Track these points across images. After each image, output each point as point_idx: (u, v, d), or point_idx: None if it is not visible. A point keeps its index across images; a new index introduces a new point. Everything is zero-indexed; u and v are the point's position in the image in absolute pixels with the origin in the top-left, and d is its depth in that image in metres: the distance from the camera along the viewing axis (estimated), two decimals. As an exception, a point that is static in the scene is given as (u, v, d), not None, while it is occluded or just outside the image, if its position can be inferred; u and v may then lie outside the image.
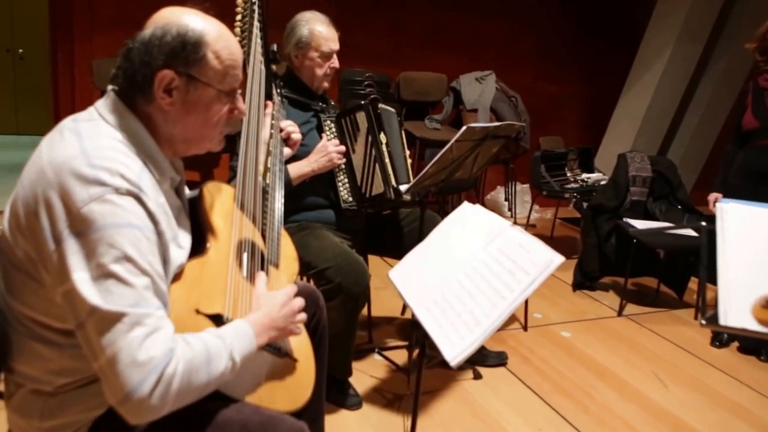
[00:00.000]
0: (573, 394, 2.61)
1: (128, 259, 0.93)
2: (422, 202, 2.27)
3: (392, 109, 2.41)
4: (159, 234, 1.01)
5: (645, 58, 5.40)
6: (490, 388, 2.56)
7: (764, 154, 2.94)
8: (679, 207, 3.74)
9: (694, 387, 2.82)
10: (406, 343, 2.62)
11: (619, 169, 3.73)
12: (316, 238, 2.16)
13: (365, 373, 2.54)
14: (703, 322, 1.25)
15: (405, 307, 3.20)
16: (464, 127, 1.90)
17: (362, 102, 2.24)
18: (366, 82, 4.28)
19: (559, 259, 1.19)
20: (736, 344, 3.27)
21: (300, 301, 1.25)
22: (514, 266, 1.27)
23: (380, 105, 2.29)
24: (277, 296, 1.22)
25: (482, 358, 2.69)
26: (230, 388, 1.11)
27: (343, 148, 2.22)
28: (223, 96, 1.12)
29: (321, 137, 2.25)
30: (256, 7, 1.53)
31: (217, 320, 1.11)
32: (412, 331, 2.53)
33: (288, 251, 1.45)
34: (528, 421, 2.37)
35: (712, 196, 3.18)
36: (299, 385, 1.27)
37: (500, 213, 5.26)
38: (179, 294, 1.07)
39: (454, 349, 1.22)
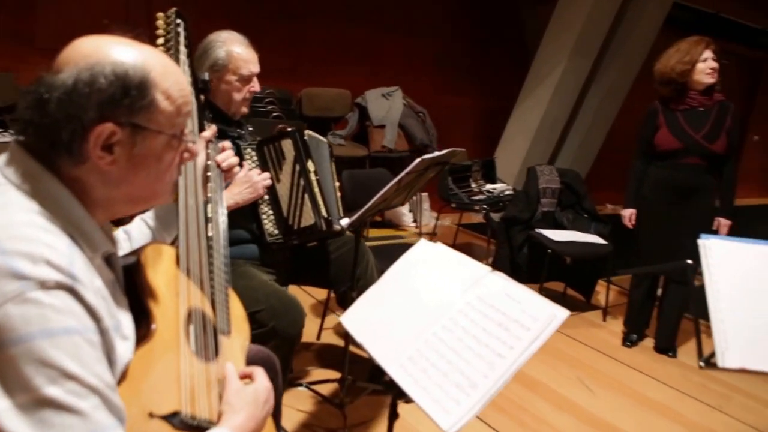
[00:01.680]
0: (508, 410, 2.58)
1: (69, 376, 0.71)
2: (357, 231, 2.12)
3: (322, 138, 2.24)
4: (102, 332, 0.79)
5: (538, 72, 5.61)
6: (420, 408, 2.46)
7: (685, 171, 3.08)
8: (586, 215, 3.88)
9: (616, 389, 2.90)
10: (337, 377, 2.46)
11: (530, 182, 3.81)
12: (241, 278, 1.95)
13: (292, 408, 2.36)
14: (702, 364, 1.21)
15: (321, 330, 3.05)
16: (417, 159, 1.79)
17: (288, 129, 2.06)
18: (267, 99, 4.06)
19: (563, 313, 1.09)
20: (646, 343, 3.42)
21: (272, 394, 1.08)
22: (506, 319, 1.16)
23: (308, 132, 2.12)
24: (258, 392, 1.04)
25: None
26: None
27: (268, 176, 2.02)
28: (175, 140, 0.91)
29: (241, 166, 2.03)
30: (181, 29, 1.31)
31: (174, 419, 0.90)
32: (344, 363, 2.38)
33: (237, 312, 1.25)
34: (473, 447, 2.30)
35: (627, 212, 3.30)
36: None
37: (403, 223, 5.23)
38: (127, 397, 0.85)
39: (450, 417, 1.09)
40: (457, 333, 1.21)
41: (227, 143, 1.57)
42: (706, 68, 2.98)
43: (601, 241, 3.68)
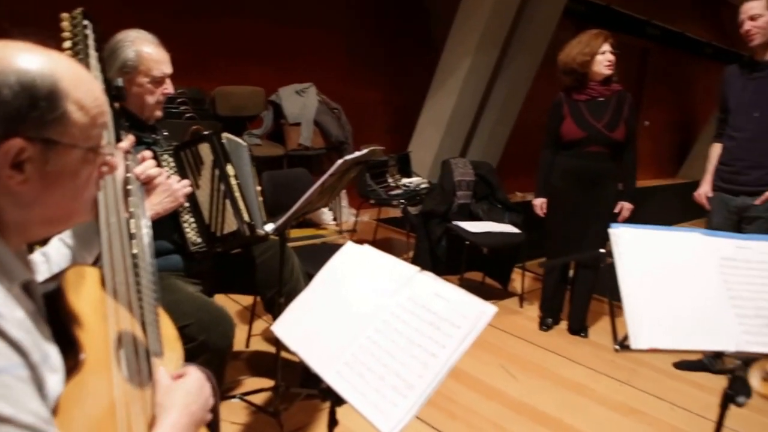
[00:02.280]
0: (437, 403, 2.64)
1: (2, 420, 0.67)
2: (282, 235, 2.10)
3: (241, 141, 2.19)
4: (32, 367, 0.75)
5: (447, 65, 5.73)
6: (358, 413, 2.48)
7: (589, 159, 3.25)
8: (500, 206, 4.03)
9: (536, 372, 3.04)
10: (270, 384, 2.43)
11: (444, 176, 3.89)
12: (167, 291, 1.88)
13: (227, 421, 2.30)
14: (617, 347, 1.30)
15: (249, 337, 3.01)
16: (340, 161, 1.78)
17: (205, 133, 2.00)
18: (179, 99, 3.91)
19: (491, 309, 1.14)
20: (561, 326, 3.61)
21: (208, 384, 1.06)
22: (436, 318, 1.19)
23: (226, 135, 2.07)
24: (189, 386, 1.00)
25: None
26: None
27: (188, 183, 1.95)
28: (91, 154, 0.86)
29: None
30: (89, 32, 1.24)
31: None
32: (277, 371, 2.35)
33: (168, 331, 1.21)
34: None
35: (538, 201, 3.45)
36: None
37: (323, 222, 5.22)
38: (62, 432, 0.81)
39: (389, 420, 1.11)
40: (391, 335, 1.24)
41: (147, 153, 1.51)
42: (604, 60, 3.16)
43: (515, 230, 3.84)
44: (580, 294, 3.47)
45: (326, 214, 5.25)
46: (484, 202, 4.05)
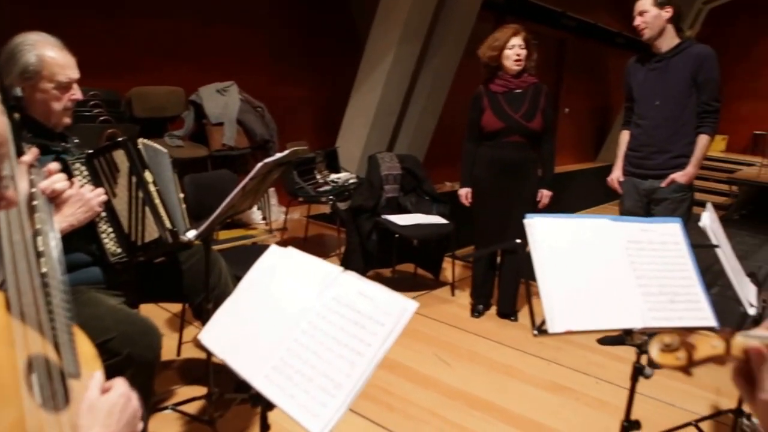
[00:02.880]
0: (374, 396, 2.68)
1: None
2: (206, 240, 2.06)
3: (160, 148, 2.12)
4: None
5: (371, 58, 5.74)
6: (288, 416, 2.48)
7: (509, 149, 3.36)
8: (427, 198, 4.09)
9: (469, 358, 3.13)
10: (203, 392, 2.39)
11: (371, 170, 3.92)
12: (86, 306, 1.81)
13: (161, 434, 2.26)
14: (535, 332, 1.36)
15: (180, 345, 2.95)
16: (260, 164, 1.76)
17: (119, 139, 1.93)
18: (92, 102, 3.73)
19: (413, 305, 1.16)
20: (492, 311, 3.72)
21: (136, 397, 1.03)
22: (361, 317, 1.21)
23: (143, 141, 2.01)
24: (113, 401, 0.97)
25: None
26: None
27: (102, 192, 1.88)
28: None
29: (71, 183, 1.88)
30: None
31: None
32: (208, 377, 2.31)
33: (85, 350, 1.17)
34: (344, 438, 2.36)
35: (463, 191, 3.54)
36: None
37: (253, 221, 5.15)
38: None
39: (319, 420, 1.13)
40: (318, 336, 1.25)
41: (54, 165, 1.45)
42: (512, 54, 3.27)
43: (443, 221, 3.91)
44: (507, 279, 3.59)
45: (255, 214, 5.18)
46: (412, 194, 4.10)
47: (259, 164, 1.78)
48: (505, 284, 3.61)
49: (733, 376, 0.73)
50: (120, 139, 1.93)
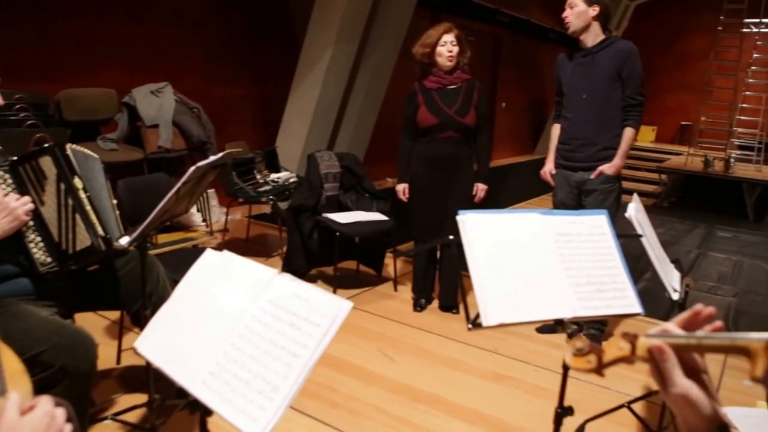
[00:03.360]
0: (319, 394, 2.70)
1: None
2: (141, 246, 2.02)
3: (91, 153, 2.07)
4: None
5: (308, 58, 5.72)
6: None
7: (444, 144, 3.43)
8: (367, 195, 4.12)
9: (413, 353, 3.18)
10: (144, 400, 2.35)
11: (310, 169, 3.92)
12: (15, 319, 1.76)
13: (100, 445, 2.22)
14: (470, 326, 1.40)
15: (120, 353, 2.88)
16: (192, 168, 1.74)
17: (45, 145, 1.87)
18: (18, 106, 3.58)
19: (348, 305, 1.19)
20: (434, 305, 3.79)
21: (62, 414, 1.01)
22: (297, 319, 1.22)
23: (72, 147, 1.95)
24: (36, 419, 0.95)
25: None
26: None
27: (29, 200, 1.83)
28: None
29: None
30: None
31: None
32: (150, 384, 2.28)
33: (12, 366, 1.15)
34: (287, 436, 2.37)
35: (400, 187, 3.60)
36: None
37: (193, 224, 5.06)
38: None
39: (257, 424, 1.13)
40: (254, 340, 1.25)
41: None
42: (444, 51, 3.35)
43: (383, 217, 3.96)
44: (447, 273, 3.67)
45: (195, 216, 5.08)
46: (351, 192, 4.13)
47: (192, 168, 1.76)
48: (445, 278, 3.68)
49: (651, 373, 0.79)
50: (46, 145, 1.88)
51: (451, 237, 1.70)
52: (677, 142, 15.09)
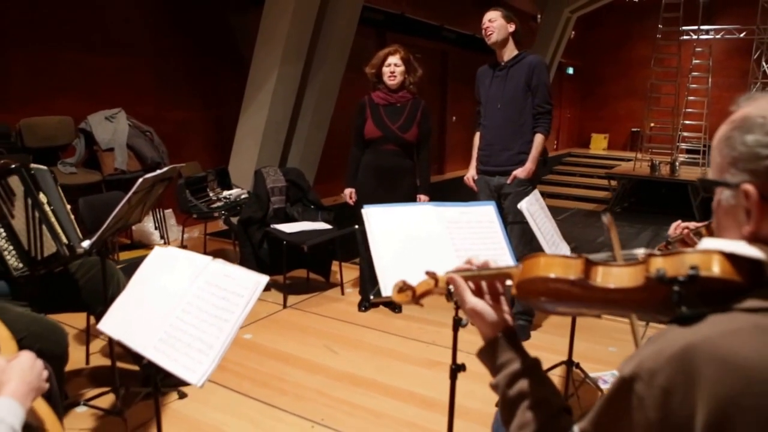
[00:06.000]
0: (270, 383, 2.99)
1: None
2: (101, 251, 2.33)
3: (42, 167, 2.38)
4: None
5: (256, 79, 6.05)
6: (199, 402, 2.76)
7: (386, 156, 3.78)
8: (312, 206, 4.46)
9: (356, 346, 3.49)
10: (109, 389, 2.63)
11: (258, 184, 4.24)
12: (-4, 315, 2.04)
13: (74, 429, 2.47)
14: (372, 296, 1.75)
15: (88, 355, 3.13)
16: (140, 180, 2.06)
17: (12, 165, 2.18)
18: (-21, 135, 3.83)
19: (264, 279, 1.53)
20: (381, 307, 4.10)
21: (39, 361, 1.33)
22: (226, 293, 1.56)
23: (33, 165, 2.26)
24: (23, 362, 1.27)
25: (179, 380, 2.85)
26: None
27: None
28: None
29: None
30: None
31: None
32: (142, 367, 2.56)
33: (1, 333, 1.46)
34: (242, 417, 2.67)
35: (347, 191, 3.92)
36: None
37: (152, 241, 5.32)
38: None
39: (196, 374, 1.46)
40: (193, 312, 1.59)
41: None
42: (387, 71, 3.71)
43: (328, 226, 4.29)
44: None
45: (154, 234, 5.36)
46: (298, 204, 4.46)
47: (140, 180, 2.09)
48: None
49: (455, 297, 1.13)
50: (14, 165, 2.18)
51: (356, 226, 2.04)
52: (629, 149, 15.58)
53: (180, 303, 1.62)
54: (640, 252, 0.92)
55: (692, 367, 0.73)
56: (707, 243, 0.84)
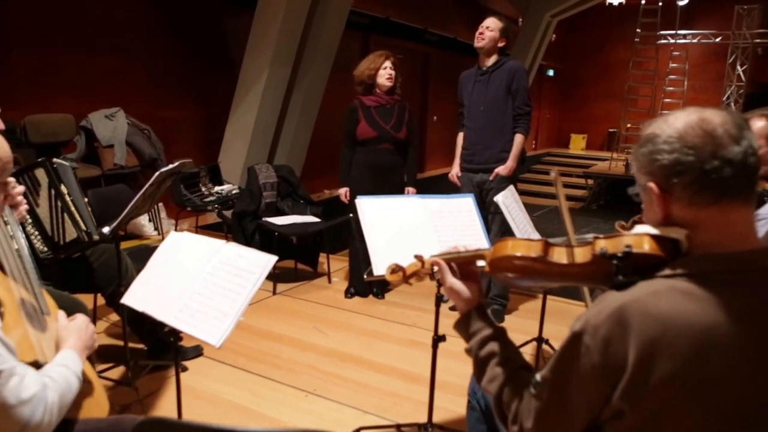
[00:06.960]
0: (264, 359, 3.26)
1: None
2: (115, 238, 2.59)
3: (66, 163, 2.62)
4: None
5: (246, 80, 6.28)
6: (200, 375, 3.03)
7: (381, 154, 4.02)
8: (302, 201, 4.73)
9: (343, 328, 3.76)
10: (115, 364, 2.88)
11: (251, 180, 4.50)
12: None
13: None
14: (365, 276, 2.03)
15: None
16: (156, 173, 2.33)
17: (39, 159, 2.42)
18: (-10, 131, 4.03)
19: (273, 258, 1.80)
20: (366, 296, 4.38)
21: (92, 325, 1.59)
22: (240, 270, 1.83)
23: (55, 160, 2.50)
24: (79, 323, 1.53)
25: (182, 354, 3.11)
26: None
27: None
28: (2, 185, 1.39)
29: None
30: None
31: (36, 365, 1.39)
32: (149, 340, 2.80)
33: (48, 299, 1.71)
34: (240, 388, 2.94)
35: (342, 190, 4.15)
36: (100, 398, 1.62)
37: (145, 233, 5.54)
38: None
39: (214, 336, 1.73)
40: (209, 287, 1.85)
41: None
42: (385, 74, 3.98)
43: (316, 219, 4.56)
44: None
45: (147, 226, 5.58)
46: (288, 199, 4.73)
47: (157, 173, 2.35)
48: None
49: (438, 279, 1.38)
50: (40, 159, 2.43)
51: (351, 215, 2.32)
52: (606, 149, 15.97)
53: (197, 279, 1.89)
54: (590, 236, 1.21)
55: (625, 321, 0.99)
56: (639, 228, 1.11)
